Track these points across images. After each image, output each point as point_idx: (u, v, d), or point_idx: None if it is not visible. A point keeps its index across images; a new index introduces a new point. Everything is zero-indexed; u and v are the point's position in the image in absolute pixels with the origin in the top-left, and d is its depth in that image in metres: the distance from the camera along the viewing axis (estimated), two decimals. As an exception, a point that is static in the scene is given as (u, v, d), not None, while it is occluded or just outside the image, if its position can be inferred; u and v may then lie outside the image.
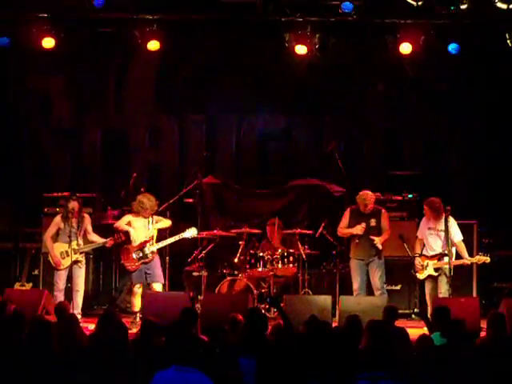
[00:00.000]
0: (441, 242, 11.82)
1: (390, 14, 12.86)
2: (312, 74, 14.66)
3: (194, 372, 6.19)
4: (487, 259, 11.79)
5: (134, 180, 14.21)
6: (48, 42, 12.97)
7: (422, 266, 11.89)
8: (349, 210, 12.28)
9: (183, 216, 13.49)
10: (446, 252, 11.70)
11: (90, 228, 12.22)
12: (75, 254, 11.88)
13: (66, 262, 11.95)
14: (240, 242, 12.99)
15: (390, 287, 12.73)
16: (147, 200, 11.96)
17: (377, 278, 12.03)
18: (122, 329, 7.65)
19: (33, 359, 6.88)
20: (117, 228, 12.08)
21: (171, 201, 13.11)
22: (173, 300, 11.11)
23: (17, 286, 12.94)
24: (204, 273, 12.79)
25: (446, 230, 11.72)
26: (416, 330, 10.20)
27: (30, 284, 13.05)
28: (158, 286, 11.98)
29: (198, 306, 11.98)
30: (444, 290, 11.65)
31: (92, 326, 9.50)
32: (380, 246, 11.98)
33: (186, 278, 13.13)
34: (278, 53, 14.01)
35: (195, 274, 13.01)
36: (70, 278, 11.98)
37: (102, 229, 13.29)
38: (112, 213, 13.91)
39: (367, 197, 12.11)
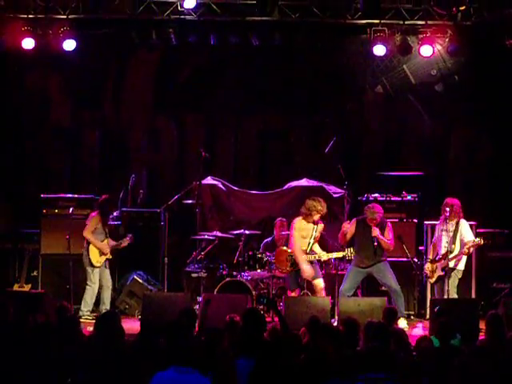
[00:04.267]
0: (449, 243, 11.86)
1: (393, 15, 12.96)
2: (311, 74, 14.70)
3: (193, 373, 6.19)
4: (480, 241, 11.80)
5: (132, 181, 14.23)
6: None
7: (432, 271, 11.94)
8: (355, 220, 12.18)
9: (182, 217, 13.48)
10: (450, 250, 11.76)
11: None
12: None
13: (103, 259, 12.41)
14: (239, 243, 12.98)
15: (389, 288, 12.71)
16: (321, 205, 11.93)
17: (386, 278, 11.94)
18: (121, 330, 7.64)
19: (33, 361, 6.88)
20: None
21: (170, 202, 13.09)
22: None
23: (16, 287, 12.93)
24: (203, 274, 12.78)
25: (455, 231, 11.84)
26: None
27: (29, 285, 13.03)
28: (320, 281, 11.95)
29: (196, 307, 11.95)
30: (451, 289, 11.69)
31: (91, 328, 9.48)
32: (374, 233, 11.85)
33: (185, 279, 13.12)
34: (279, 53, 14.07)
35: (194, 275, 12.99)
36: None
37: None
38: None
39: (374, 210, 12.00)
